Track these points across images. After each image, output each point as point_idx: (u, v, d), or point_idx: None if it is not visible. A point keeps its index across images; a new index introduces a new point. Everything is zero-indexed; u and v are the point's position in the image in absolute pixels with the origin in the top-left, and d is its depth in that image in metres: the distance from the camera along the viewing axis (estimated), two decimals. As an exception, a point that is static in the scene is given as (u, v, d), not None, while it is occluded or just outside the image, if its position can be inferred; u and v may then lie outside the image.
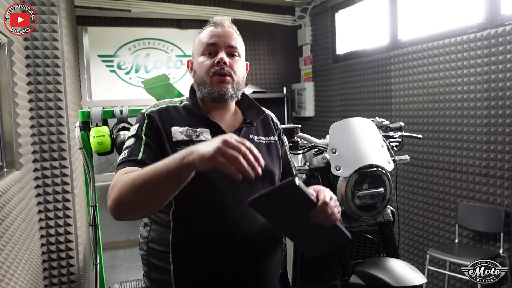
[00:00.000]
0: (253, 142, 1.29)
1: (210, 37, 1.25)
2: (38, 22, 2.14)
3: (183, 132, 1.20)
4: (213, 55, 1.24)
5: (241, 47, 1.30)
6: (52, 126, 2.19)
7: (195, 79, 1.29)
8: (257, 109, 1.38)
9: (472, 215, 2.70)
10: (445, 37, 2.89)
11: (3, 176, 1.75)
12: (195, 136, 1.20)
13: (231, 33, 1.28)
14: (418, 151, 3.13)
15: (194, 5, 4.46)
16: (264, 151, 1.29)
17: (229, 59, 1.24)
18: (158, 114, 1.22)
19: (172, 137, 1.19)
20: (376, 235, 1.62)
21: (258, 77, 4.88)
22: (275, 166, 1.30)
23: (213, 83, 1.23)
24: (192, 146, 0.97)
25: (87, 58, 4.30)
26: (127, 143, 1.20)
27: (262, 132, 1.35)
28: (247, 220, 1.19)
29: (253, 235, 1.19)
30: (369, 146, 1.50)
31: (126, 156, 1.16)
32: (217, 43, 1.24)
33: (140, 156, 1.14)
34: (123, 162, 1.15)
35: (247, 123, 1.31)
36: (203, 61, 1.25)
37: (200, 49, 1.27)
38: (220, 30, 1.26)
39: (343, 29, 4.28)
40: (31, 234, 1.96)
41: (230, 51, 1.26)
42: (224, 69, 1.22)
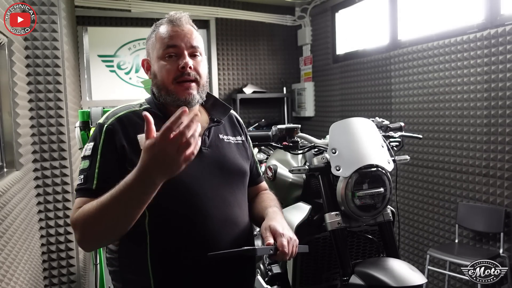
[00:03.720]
0: (223, 142, 1.26)
1: (170, 38, 1.15)
2: (38, 22, 2.14)
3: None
4: (175, 58, 1.15)
5: (201, 44, 1.21)
6: (52, 126, 2.19)
7: (154, 82, 1.20)
8: (223, 106, 1.31)
9: (472, 215, 2.70)
10: (445, 37, 2.89)
11: (3, 176, 1.75)
12: None
13: (191, 30, 1.19)
14: (418, 151, 3.13)
15: (194, 5, 4.46)
16: (235, 151, 1.27)
17: (192, 61, 1.16)
18: (119, 123, 1.13)
19: (140, 145, 1.08)
20: (376, 235, 1.62)
21: (258, 77, 4.88)
22: (246, 165, 1.29)
23: (177, 92, 1.15)
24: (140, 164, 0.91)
25: (87, 58, 4.30)
26: (83, 165, 1.12)
27: (230, 132, 1.32)
28: (229, 223, 1.17)
29: (233, 239, 1.17)
30: (369, 146, 1.50)
31: (82, 183, 1.09)
32: (179, 45, 1.15)
33: (94, 184, 1.07)
34: (80, 189, 1.09)
35: (214, 122, 1.26)
36: (164, 65, 1.15)
37: (159, 50, 1.16)
38: (179, 29, 1.16)
39: (343, 29, 4.28)
40: (31, 234, 1.96)
41: (193, 51, 1.17)
42: (189, 74, 1.15)
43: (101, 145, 1.11)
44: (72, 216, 1.04)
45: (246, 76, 4.83)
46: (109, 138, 1.11)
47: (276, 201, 1.35)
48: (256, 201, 1.36)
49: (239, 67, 4.79)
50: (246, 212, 1.27)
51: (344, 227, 1.49)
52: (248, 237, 1.25)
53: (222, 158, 1.22)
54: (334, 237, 1.48)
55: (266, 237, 1.11)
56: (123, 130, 1.12)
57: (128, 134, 1.12)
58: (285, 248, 1.08)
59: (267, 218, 1.19)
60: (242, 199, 1.26)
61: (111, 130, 1.12)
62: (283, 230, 1.12)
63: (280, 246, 1.08)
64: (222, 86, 4.73)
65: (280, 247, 1.08)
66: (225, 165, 1.21)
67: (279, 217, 1.21)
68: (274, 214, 1.22)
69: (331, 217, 1.49)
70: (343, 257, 1.46)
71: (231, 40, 4.73)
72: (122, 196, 0.94)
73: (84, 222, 1.01)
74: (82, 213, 1.02)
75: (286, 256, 1.09)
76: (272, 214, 1.22)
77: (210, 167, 1.18)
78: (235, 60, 4.77)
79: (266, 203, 1.32)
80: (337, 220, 1.48)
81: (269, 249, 1.08)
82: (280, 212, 1.27)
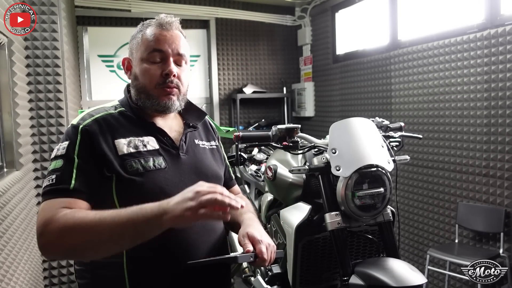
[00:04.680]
0: (199, 147, 1.25)
1: (157, 42, 1.12)
2: (38, 22, 2.14)
3: (127, 143, 1.09)
4: (160, 63, 1.12)
5: (188, 52, 1.19)
6: (52, 126, 2.19)
7: (135, 84, 1.17)
8: (198, 112, 1.29)
9: (472, 215, 2.70)
10: (445, 37, 2.89)
11: (3, 176, 1.75)
12: (142, 146, 1.10)
13: (180, 37, 1.16)
14: (418, 151, 3.13)
15: (194, 5, 4.46)
16: (210, 157, 1.27)
17: (176, 68, 1.14)
18: (96, 125, 1.08)
19: (119, 150, 1.07)
20: (376, 235, 1.62)
21: (258, 77, 4.88)
22: (221, 171, 1.29)
23: (159, 96, 1.12)
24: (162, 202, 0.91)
25: (87, 58, 4.30)
26: (53, 165, 1.03)
27: (204, 137, 1.30)
28: (206, 230, 1.16)
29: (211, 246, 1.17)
30: (369, 146, 1.50)
31: (55, 183, 1.00)
32: (165, 50, 1.12)
33: (72, 184, 1.00)
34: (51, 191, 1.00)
35: (190, 127, 1.25)
36: (148, 69, 1.12)
37: (144, 52, 1.13)
38: (168, 34, 1.14)
39: (343, 29, 4.28)
40: (31, 234, 1.96)
41: (178, 59, 1.15)
42: (172, 82, 1.12)
43: (78, 146, 1.04)
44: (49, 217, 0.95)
45: (246, 76, 4.83)
46: (86, 139, 1.06)
47: (250, 206, 1.35)
48: None
49: (239, 67, 4.79)
50: None
51: (344, 227, 1.49)
52: (224, 243, 1.25)
53: (200, 163, 1.21)
54: (334, 237, 1.48)
55: (245, 244, 1.11)
56: (101, 133, 1.08)
57: (106, 138, 1.08)
58: (264, 255, 1.09)
59: (244, 225, 1.19)
60: None
61: (87, 131, 1.06)
62: (261, 237, 1.12)
63: (259, 253, 1.08)
64: (222, 86, 4.73)
65: (260, 254, 1.08)
66: (202, 171, 1.20)
67: (255, 223, 1.21)
68: (250, 221, 1.21)
69: (331, 217, 1.48)
70: (343, 257, 1.46)
71: (231, 40, 4.73)
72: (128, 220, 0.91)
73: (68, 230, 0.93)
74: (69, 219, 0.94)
75: (265, 262, 1.10)
76: (249, 221, 1.22)
77: (188, 173, 1.16)
78: (235, 60, 4.77)
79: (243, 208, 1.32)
80: (337, 220, 1.48)
81: (249, 256, 1.09)
82: (256, 218, 1.27)
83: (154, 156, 1.11)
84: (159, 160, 1.11)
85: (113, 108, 1.17)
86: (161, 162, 1.12)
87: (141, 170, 1.07)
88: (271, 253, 1.13)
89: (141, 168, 1.07)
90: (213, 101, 4.69)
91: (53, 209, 0.97)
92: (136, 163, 1.07)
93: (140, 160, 1.08)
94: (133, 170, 1.07)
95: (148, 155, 1.10)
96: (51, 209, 0.97)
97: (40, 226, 0.96)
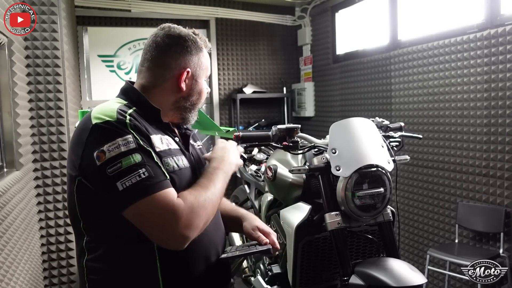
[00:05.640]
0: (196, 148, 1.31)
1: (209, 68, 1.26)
2: (38, 22, 2.14)
3: (160, 140, 1.09)
4: None
5: None
6: (52, 126, 2.19)
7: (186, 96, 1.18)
8: None
9: (472, 215, 2.70)
10: (445, 37, 2.89)
11: (3, 176, 1.75)
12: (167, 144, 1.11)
13: None
14: (418, 151, 3.13)
15: (194, 5, 4.46)
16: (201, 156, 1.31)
17: None
18: (135, 120, 1.05)
19: (155, 147, 1.05)
20: (376, 235, 1.62)
21: (258, 77, 4.88)
22: None
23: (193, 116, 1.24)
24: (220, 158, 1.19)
25: (87, 58, 4.30)
26: (130, 160, 0.96)
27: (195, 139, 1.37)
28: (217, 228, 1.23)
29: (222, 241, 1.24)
30: (369, 146, 1.50)
31: (150, 177, 0.97)
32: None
33: (167, 175, 1.02)
34: (156, 183, 0.97)
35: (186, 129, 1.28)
36: (206, 90, 1.24)
37: (206, 73, 1.24)
38: None
39: (343, 29, 4.28)
40: (31, 234, 1.96)
41: None
42: None
43: (139, 139, 1.01)
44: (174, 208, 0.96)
45: (246, 76, 4.83)
46: (140, 133, 1.03)
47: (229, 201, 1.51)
48: None
49: (239, 67, 4.79)
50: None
51: (344, 227, 1.49)
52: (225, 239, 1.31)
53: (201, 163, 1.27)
54: (334, 237, 1.48)
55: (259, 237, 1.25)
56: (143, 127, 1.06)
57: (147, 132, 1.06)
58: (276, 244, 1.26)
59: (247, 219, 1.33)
60: None
61: (136, 126, 1.03)
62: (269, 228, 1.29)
63: (273, 243, 1.25)
64: (222, 86, 4.73)
65: (273, 244, 1.25)
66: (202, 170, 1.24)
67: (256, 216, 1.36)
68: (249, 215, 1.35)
69: (331, 217, 1.49)
70: (343, 257, 1.46)
71: (231, 40, 4.73)
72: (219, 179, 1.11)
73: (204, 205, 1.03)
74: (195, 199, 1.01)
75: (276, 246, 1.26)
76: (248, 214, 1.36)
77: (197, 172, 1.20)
78: (235, 60, 4.77)
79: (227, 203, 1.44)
80: (337, 220, 1.48)
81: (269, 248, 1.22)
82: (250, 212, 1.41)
83: (179, 155, 1.15)
84: (183, 159, 1.15)
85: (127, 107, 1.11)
86: (185, 161, 1.16)
87: (176, 168, 1.09)
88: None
89: (176, 166, 1.10)
90: (213, 101, 4.69)
91: (170, 199, 0.98)
92: (171, 161, 1.09)
93: (174, 158, 1.11)
94: (169, 167, 1.07)
95: (177, 153, 1.14)
96: (167, 200, 0.97)
97: (163, 218, 0.96)
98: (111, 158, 0.96)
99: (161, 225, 0.97)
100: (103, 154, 0.97)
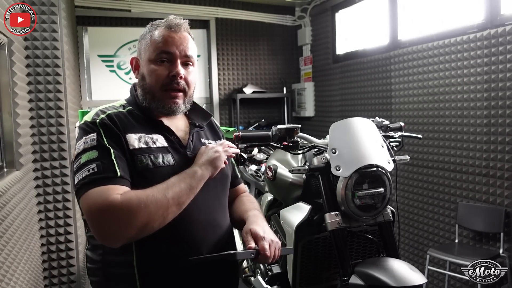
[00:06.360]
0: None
1: (165, 43, 1.14)
2: (38, 22, 2.14)
3: (138, 138, 1.11)
4: (167, 64, 1.14)
5: (195, 54, 1.21)
6: (52, 126, 2.19)
7: (141, 84, 1.18)
8: (203, 113, 1.33)
9: (472, 215, 2.70)
10: (445, 37, 2.89)
11: (3, 176, 1.75)
12: (152, 143, 1.13)
13: (188, 39, 1.18)
14: (418, 151, 3.13)
15: (194, 5, 4.46)
16: None
17: (184, 70, 1.16)
18: (110, 120, 1.10)
19: (130, 145, 1.09)
20: (376, 235, 1.62)
21: (258, 77, 4.88)
22: (228, 169, 1.31)
23: (164, 98, 1.15)
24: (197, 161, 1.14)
25: (87, 58, 4.30)
26: (86, 157, 1.03)
27: (211, 136, 1.33)
28: (212, 227, 1.18)
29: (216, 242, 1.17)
30: (369, 146, 1.50)
31: (97, 172, 1.00)
32: (173, 52, 1.14)
33: (118, 172, 1.02)
34: (95, 180, 1.00)
35: (196, 127, 1.27)
36: (155, 69, 1.14)
37: (152, 53, 1.15)
38: (176, 35, 1.15)
39: (343, 29, 4.28)
40: (31, 234, 1.96)
41: (186, 60, 1.17)
42: (179, 83, 1.15)
43: (104, 136, 1.06)
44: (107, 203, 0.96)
45: (246, 76, 4.83)
46: (108, 131, 1.08)
47: (256, 204, 1.37)
48: (235, 204, 1.37)
49: (239, 67, 4.79)
50: (227, 214, 1.28)
51: (344, 227, 1.49)
52: (230, 240, 1.26)
53: None
54: (334, 237, 1.48)
55: (247, 240, 1.13)
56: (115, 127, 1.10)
57: (120, 132, 1.10)
58: (267, 252, 1.10)
59: (248, 222, 1.21)
60: (225, 202, 1.28)
61: (105, 124, 1.09)
62: (264, 234, 1.14)
63: (262, 250, 1.10)
64: (222, 86, 4.73)
65: (262, 251, 1.10)
66: None
67: (260, 220, 1.22)
68: (255, 218, 1.23)
69: (331, 217, 1.49)
70: (343, 257, 1.46)
71: (231, 40, 4.73)
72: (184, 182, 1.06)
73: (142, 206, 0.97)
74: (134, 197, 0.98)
75: (268, 259, 1.11)
76: (253, 217, 1.23)
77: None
78: (235, 60, 4.77)
79: (246, 206, 1.33)
80: (337, 220, 1.48)
81: (250, 253, 1.10)
82: (261, 215, 1.28)
83: (163, 153, 1.13)
84: (168, 157, 1.14)
85: (121, 107, 1.19)
86: (170, 159, 1.14)
87: (150, 166, 1.10)
88: (276, 250, 1.14)
89: (150, 163, 1.10)
90: (213, 101, 4.69)
91: (106, 195, 0.97)
92: (146, 159, 1.10)
93: (150, 156, 1.11)
94: (143, 165, 1.09)
95: (158, 151, 1.13)
96: (103, 196, 0.97)
97: (96, 213, 0.97)
98: (76, 155, 1.07)
99: (94, 220, 0.99)
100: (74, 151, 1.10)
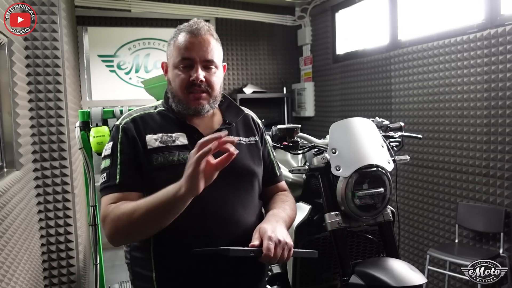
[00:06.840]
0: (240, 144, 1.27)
1: (186, 49, 1.18)
2: (38, 22, 2.14)
3: (158, 139, 1.19)
4: (189, 69, 1.19)
5: (218, 56, 1.23)
6: (52, 126, 2.19)
7: (169, 88, 1.26)
8: (236, 110, 1.35)
9: (472, 215, 2.70)
10: (445, 37, 2.89)
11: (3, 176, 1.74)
12: (171, 142, 1.19)
13: (208, 42, 1.20)
14: (418, 151, 3.13)
15: (194, 5, 4.46)
16: (245, 152, 1.28)
17: (205, 73, 1.19)
18: (133, 124, 1.21)
19: (147, 145, 1.18)
20: (376, 235, 1.62)
21: (258, 77, 4.88)
22: (256, 166, 1.29)
23: (188, 101, 1.20)
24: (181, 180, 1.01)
25: (87, 58, 4.30)
26: (104, 164, 1.19)
27: (242, 133, 1.32)
28: (229, 222, 1.17)
29: (235, 237, 1.16)
30: (369, 146, 1.50)
31: (106, 181, 1.16)
32: (193, 58, 1.18)
33: (117, 179, 1.14)
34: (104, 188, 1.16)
35: (225, 124, 1.29)
36: (178, 74, 1.20)
37: (175, 59, 1.21)
38: (197, 40, 1.19)
39: (343, 29, 4.28)
40: (31, 234, 1.96)
41: (207, 64, 1.20)
42: (200, 86, 1.19)
43: (119, 143, 1.18)
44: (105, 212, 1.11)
45: (246, 76, 4.83)
46: (126, 136, 1.19)
47: (288, 203, 1.32)
48: (270, 202, 1.35)
49: (239, 67, 4.79)
50: (253, 212, 1.25)
51: (344, 227, 1.50)
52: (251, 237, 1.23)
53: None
54: (334, 237, 1.48)
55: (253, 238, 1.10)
56: (136, 129, 1.20)
57: (140, 133, 1.19)
58: (270, 252, 1.05)
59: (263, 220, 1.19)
60: (247, 199, 1.25)
61: (126, 129, 1.20)
62: (273, 233, 1.09)
63: (265, 249, 1.05)
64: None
65: (265, 250, 1.05)
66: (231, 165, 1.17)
67: (275, 219, 1.18)
68: (271, 217, 1.20)
69: (331, 217, 1.49)
70: (343, 257, 1.46)
71: (231, 40, 4.73)
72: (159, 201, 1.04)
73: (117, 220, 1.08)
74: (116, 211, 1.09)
75: (271, 260, 1.07)
76: (270, 216, 1.21)
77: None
78: (235, 60, 4.78)
79: (275, 205, 1.30)
80: (337, 220, 1.48)
81: (249, 251, 1.04)
82: (281, 214, 1.24)
83: (180, 151, 1.18)
84: (185, 154, 1.16)
85: (153, 108, 1.28)
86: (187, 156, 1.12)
87: (165, 164, 1.16)
88: (284, 251, 1.09)
89: (165, 161, 1.16)
90: (213, 101, 4.68)
91: (106, 205, 1.13)
92: (161, 157, 1.17)
93: (165, 154, 1.17)
94: (158, 163, 1.16)
95: (175, 149, 1.18)
96: (105, 205, 1.13)
97: (102, 220, 1.13)
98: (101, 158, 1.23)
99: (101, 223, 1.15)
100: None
